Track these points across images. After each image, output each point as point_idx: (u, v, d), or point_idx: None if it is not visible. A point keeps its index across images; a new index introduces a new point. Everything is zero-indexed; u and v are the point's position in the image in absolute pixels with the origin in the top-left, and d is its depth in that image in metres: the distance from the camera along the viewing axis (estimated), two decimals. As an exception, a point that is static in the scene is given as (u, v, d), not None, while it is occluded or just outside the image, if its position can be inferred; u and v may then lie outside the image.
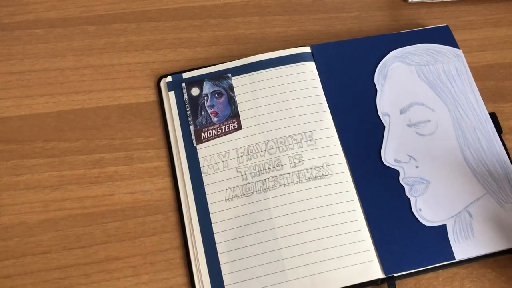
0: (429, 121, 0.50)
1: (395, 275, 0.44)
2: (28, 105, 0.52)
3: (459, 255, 0.44)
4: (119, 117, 0.51)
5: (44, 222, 0.47)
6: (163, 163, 0.49)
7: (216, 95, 0.51)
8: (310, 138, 0.49)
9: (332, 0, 0.58)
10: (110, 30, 0.56)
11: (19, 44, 0.55)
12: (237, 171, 0.48)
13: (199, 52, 0.55)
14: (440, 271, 0.45)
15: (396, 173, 0.47)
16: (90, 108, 0.52)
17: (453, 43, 0.54)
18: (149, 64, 0.54)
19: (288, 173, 0.47)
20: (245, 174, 0.47)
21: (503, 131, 0.50)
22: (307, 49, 0.53)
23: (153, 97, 0.52)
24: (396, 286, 0.44)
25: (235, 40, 0.56)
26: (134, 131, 0.51)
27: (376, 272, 0.44)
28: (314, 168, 0.47)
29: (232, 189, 0.47)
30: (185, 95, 0.51)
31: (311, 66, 0.52)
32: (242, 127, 0.49)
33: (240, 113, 0.50)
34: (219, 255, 0.44)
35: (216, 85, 0.51)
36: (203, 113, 0.50)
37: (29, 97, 0.52)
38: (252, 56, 0.52)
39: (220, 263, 0.44)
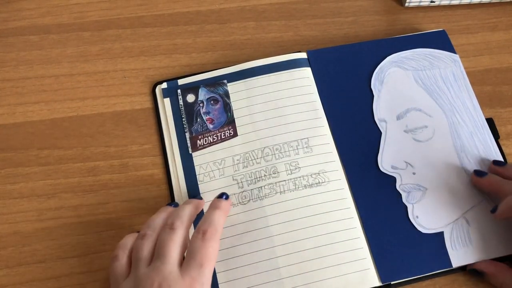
0: (426, 127, 0.49)
1: (392, 283, 0.44)
2: (22, 112, 0.52)
3: (456, 263, 0.44)
4: (114, 124, 0.51)
5: (39, 231, 0.47)
6: (159, 171, 0.49)
7: (212, 102, 0.50)
8: (306, 144, 0.48)
9: (328, 5, 0.58)
10: (105, 36, 0.56)
11: (13, 50, 0.55)
12: (233, 179, 0.47)
13: (194, 58, 0.55)
14: (437, 278, 0.45)
15: (393, 179, 0.47)
16: (84, 115, 0.52)
17: (450, 48, 0.53)
18: (144, 71, 0.54)
19: (284, 180, 0.47)
20: (241, 181, 0.47)
21: (500, 137, 0.50)
22: (303, 55, 0.53)
23: (148, 104, 0.52)
24: None
25: (231, 45, 0.56)
26: (129, 138, 0.50)
27: (373, 280, 0.43)
28: (311, 175, 0.47)
29: None
30: (181, 102, 0.50)
31: (307, 72, 0.52)
32: (238, 134, 0.49)
33: (236, 119, 0.50)
34: (215, 264, 0.44)
35: (212, 92, 0.51)
36: (198, 120, 0.50)
37: (23, 105, 0.52)
38: (248, 62, 0.52)
39: (217, 272, 0.44)
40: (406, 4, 0.57)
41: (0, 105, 0.52)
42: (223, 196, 0.45)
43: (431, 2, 0.57)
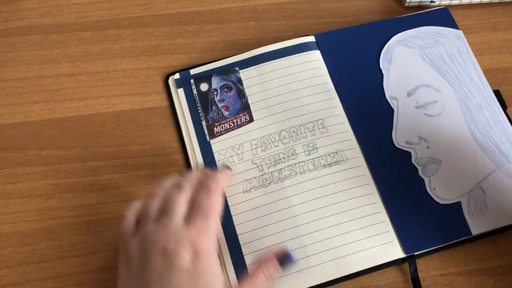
0: (436, 102, 0.50)
1: (415, 253, 0.44)
2: (22, 112, 0.52)
3: (475, 230, 0.45)
4: (114, 124, 0.51)
5: (39, 231, 0.47)
6: (158, 171, 0.49)
7: (225, 89, 0.51)
8: (322, 125, 0.49)
9: (328, 5, 0.58)
10: (105, 36, 0.56)
11: (13, 50, 0.55)
12: (252, 163, 0.48)
13: (194, 58, 0.55)
14: (437, 279, 0.45)
15: (408, 154, 0.48)
16: (85, 115, 0.52)
17: (453, 25, 0.54)
18: (144, 71, 0.54)
19: (303, 161, 0.48)
20: (261, 165, 0.48)
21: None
22: (311, 38, 0.54)
23: (148, 104, 0.52)
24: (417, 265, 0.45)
25: (231, 45, 0.56)
26: (129, 138, 0.50)
27: (397, 252, 0.44)
28: (328, 154, 0.48)
29: (249, 180, 0.47)
30: (195, 91, 0.51)
31: (316, 54, 0.53)
32: (254, 119, 0.50)
33: (250, 105, 0.50)
34: (241, 246, 0.45)
35: (224, 79, 0.51)
36: (213, 107, 0.50)
37: (24, 105, 0.52)
38: (258, 49, 0.53)
39: (244, 254, 0.44)
40: (406, 4, 0.57)
41: (0, 105, 0.52)
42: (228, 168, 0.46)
43: (431, 2, 0.57)
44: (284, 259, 0.40)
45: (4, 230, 0.46)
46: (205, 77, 0.52)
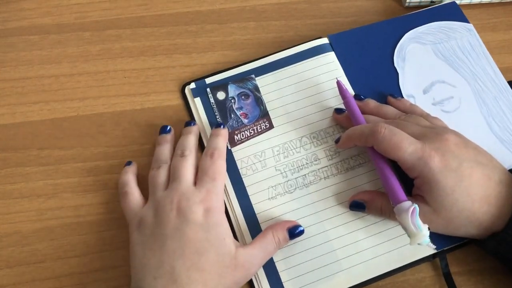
0: (452, 97, 0.51)
1: (445, 248, 0.44)
2: (22, 112, 0.52)
3: None
4: (114, 124, 0.51)
5: (39, 231, 0.47)
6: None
7: (243, 97, 0.51)
8: (343, 129, 0.49)
9: (328, 5, 0.58)
10: (105, 36, 0.56)
11: (13, 50, 0.55)
12: (275, 169, 0.48)
13: (194, 58, 0.55)
14: (438, 279, 0.45)
15: None
16: (85, 115, 0.52)
17: (462, 18, 0.55)
18: (144, 71, 0.54)
19: (326, 166, 0.48)
20: (284, 171, 0.48)
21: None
22: (325, 40, 0.54)
23: (148, 104, 0.52)
24: (448, 259, 0.44)
25: (231, 45, 0.56)
26: (129, 138, 0.50)
27: (426, 248, 0.44)
28: (351, 157, 0.48)
29: (274, 187, 0.47)
30: (212, 100, 0.51)
31: (331, 56, 0.53)
32: (274, 126, 0.50)
33: (269, 112, 0.50)
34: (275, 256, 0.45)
35: (241, 87, 0.51)
36: (232, 116, 0.50)
37: (24, 105, 0.52)
38: (273, 55, 0.53)
39: (275, 261, 0.44)
40: (406, 4, 0.57)
41: (0, 105, 0.52)
42: (220, 125, 0.48)
43: (431, 2, 0.57)
44: (294, 229, 0.44)
45: (5, 230, 0.47)
46: (221, 85, 0.52)
